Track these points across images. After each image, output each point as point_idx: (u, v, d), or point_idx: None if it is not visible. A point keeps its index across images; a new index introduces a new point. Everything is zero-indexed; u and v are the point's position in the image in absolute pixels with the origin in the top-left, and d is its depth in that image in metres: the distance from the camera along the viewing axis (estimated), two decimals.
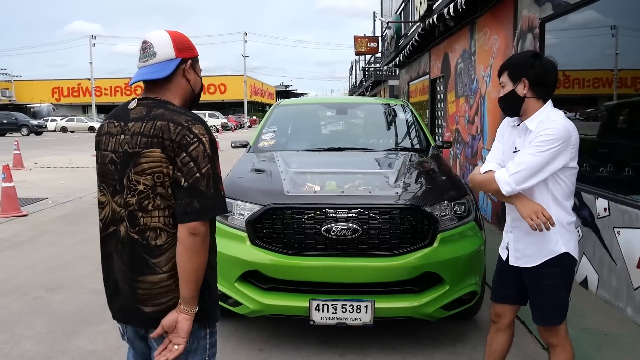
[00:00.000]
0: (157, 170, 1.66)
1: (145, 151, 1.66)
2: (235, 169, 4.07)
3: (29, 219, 7.82)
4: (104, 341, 3.66)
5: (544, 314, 2.45)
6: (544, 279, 2.38)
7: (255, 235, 3.28)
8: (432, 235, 3.25)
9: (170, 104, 1.76)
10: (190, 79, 1.83)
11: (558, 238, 2.35)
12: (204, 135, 1.66)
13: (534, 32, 5.87)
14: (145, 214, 1.68)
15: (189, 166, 1.63)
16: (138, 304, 1.73)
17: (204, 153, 1.64)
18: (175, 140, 1.63)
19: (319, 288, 3.23)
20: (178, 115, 1.68)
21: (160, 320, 1.71)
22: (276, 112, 5.27)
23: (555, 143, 2.25)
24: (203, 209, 1.63)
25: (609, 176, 4.53)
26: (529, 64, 2.35)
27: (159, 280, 1.69)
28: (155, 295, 1.70)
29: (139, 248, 1.69)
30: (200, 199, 1.63)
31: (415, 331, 3.75)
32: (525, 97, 2.37)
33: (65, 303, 4.40)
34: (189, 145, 1.63)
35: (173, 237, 1.68)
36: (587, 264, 4.57)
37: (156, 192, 1.66)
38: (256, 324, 3.86)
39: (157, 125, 1.66)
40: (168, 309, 1.71)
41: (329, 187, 3.41)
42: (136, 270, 1.71)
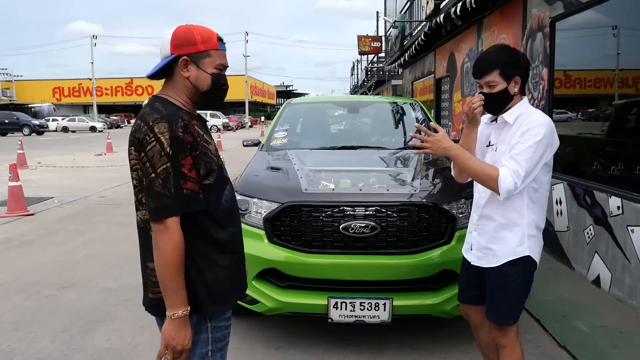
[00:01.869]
0: (137, 167, 1.70)
1: (130, 149, 1.72)
2: (250, 167, 4.07)
3: (36, 218, 7.82)
4: (120, 339, 3.66)
5: (498, 312, 2.42)
6: (502, 277, 2.36)
7: (273, 233, 3.27)
8: (450, 233, 3.25)
9: (163, 101, 1.76)
10: (189, 75, 1.76)
11: (524, 240, 2.33)
12: (164, 134, 1.63)
13: (544, 31, 5.87)
14: (141, 206, 1.74)
15: (145, 166, 1.64)
16: (146, 288, 1.81)
17: (160, 152, 1.62)
18: (139, 139, 1.66)
19: (337, 286, 3.23)
20: (151, 115, 1.68)
21: (158, 307, 1.74)
22: (288, 110, 5.27)
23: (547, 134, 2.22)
24: (157, 209, 1.63)
25: (621, 175, 4.53)
26: (521, 60, 2.32)
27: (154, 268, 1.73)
28: (154, 282, 1.72)
29: (146, 236, 1.75)
30: (154, 198, 1.63)
31: (431, 329, 3.75)
32: (515, 94, 2.34)
33: (78, 301, 4.40)
34: (147, 145, 1.64)
35: None
36: (600, 262, 4.57)
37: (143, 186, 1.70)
38: (272, 322, 3.86)
39: (136, 124, 1.71)
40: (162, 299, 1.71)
41: (343, 185, 3.41)
42: (144, 255, 1.79)
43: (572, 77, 5.80)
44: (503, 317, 2.42)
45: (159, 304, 1.72)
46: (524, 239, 2.34)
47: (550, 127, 2.26)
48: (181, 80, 1.77)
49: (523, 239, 2.34)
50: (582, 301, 4.30)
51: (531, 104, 6.12)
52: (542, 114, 2.32)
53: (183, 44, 1.74)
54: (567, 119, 5.87)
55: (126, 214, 7.98)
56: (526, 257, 2.34)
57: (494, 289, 2.42)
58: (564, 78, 5.77)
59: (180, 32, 1.75)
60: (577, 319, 3.92)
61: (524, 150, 2.20)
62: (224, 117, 47.26)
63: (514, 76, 2.30)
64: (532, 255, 2.35)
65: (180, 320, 1.67)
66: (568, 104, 5.89)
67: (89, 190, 10.46)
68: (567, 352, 3.42)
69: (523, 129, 2.25)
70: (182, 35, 1.74)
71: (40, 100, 58.52)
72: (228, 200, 1.83)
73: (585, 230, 4.83)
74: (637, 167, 4.22)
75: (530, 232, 2.34)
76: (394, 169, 3.96)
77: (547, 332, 3.72)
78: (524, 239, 2.34)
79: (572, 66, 5.70)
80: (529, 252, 2.34)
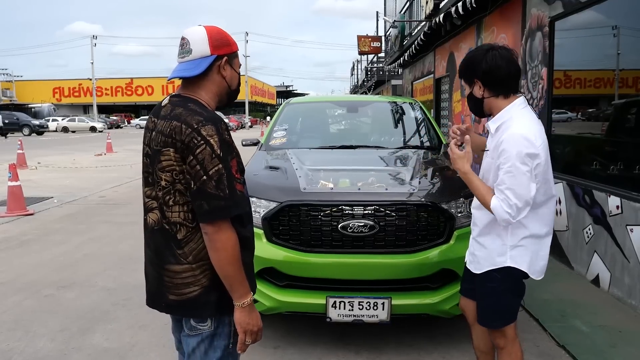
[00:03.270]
0: (173, 168, 1.71)
1: (163, 150, 1.72)
2: (249, 166, 4.06)
3: (36, 218, 7.82)
4: (119, 339, 3.66)
5: (483, 316, 2.42)
6: (488, 282, 2.33)
7: (272, 232, 3.27)
8: (448, 232, 3.25)
9: (194, 101, 1.77)
10: (226, 75, 1.83)
11: (505, 251, 2.26)
12: (212, 136, 1.66)
13: (543, 30, 5.87)
14: (168, 208, 1.74)
15: (195, 169, 1.65)
16: (164, 290, 1.80)
17: (211, 155, 1.65)
18: (185, 142, 1.66)
19: (335, 285, 3.23)
20: (192, 116, 1.69)
21: (180, 309, 1.79)
22: (287, 110, 5.27)
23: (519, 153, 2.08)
24: (212, 211, 1.65)
25: (620, 174, 4.52)
26: (477, 63, 2.23)
27: (182, 270, 1.75)
28: (178, 285, 1.76)
29: (169, 238, 1.76)
30: (209, 200, 1.65)
31: (430, 328, 3.75)
32: (484, 98, 2.26)
33: (77, 301, 4.40)
34: (196, 148, 1.65)
35: (192, 231, 1.73)
36: (599, 261, 4.57)
37: (175, 188, 1.72)
38: (271, 321, 3.85)
39: (172, 125, 1.70)
40: (188, 300, 1.76)
41: (342, 185, 3.41)
42: (163, 258, 1.78)
43: (572, 76, 5.80)
44: (490, 321, 2.41)
45: (180, 304, 1.78)
46: (505, 249, 2.27)
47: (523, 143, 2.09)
48: (218, 80, 1.82)
49: (504, 249, 2.27)
50: (581, 300, 4.30)
51: (530, 103, 6.17)
52: (519, 125, 2.15)
53: (222, 44, 1.79)
54: (567, 118, 5.87)
55: (126, 214, 7.99)
56: (507, 267, 2.27)
57: (481, 293, 2.42)
58: (563, 78, 5.77)
59: (215, 32, 1.79)
60: (576, 318, 3.92)
61: (504, 178, 2.12)
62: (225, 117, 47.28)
63: (473, 79, 2.26)
64: (516, 266, 2.26)
65: (250, 307, 1.76)
66: (567, 104, 5.89)
67: (89, 190, 10.46)
68: (566, 352, 3.42)
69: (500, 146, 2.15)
70: (219, 37, 1.79)
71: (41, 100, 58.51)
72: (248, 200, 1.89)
73: (584, 230, 4.83)
74: (636, 166, 4.22)
75: (513, 242, 2.25)
76: (392, 168, 3.96)
77: (546, 331, 3.72)
78: (505, 249, 2.27)
79: (572, 66, 5.70)
80: (511, 263, 2.26)
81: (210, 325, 1.80)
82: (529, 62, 6.33)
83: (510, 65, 2.20)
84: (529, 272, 2.29)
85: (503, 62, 2.19)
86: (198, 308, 1.77)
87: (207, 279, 1.76)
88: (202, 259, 1.74)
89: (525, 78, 6.43)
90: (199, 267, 1.75)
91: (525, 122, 2.16)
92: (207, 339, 1.81)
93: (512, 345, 2.42)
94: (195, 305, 1.76)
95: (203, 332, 1.80)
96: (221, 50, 1.79)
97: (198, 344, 1.81)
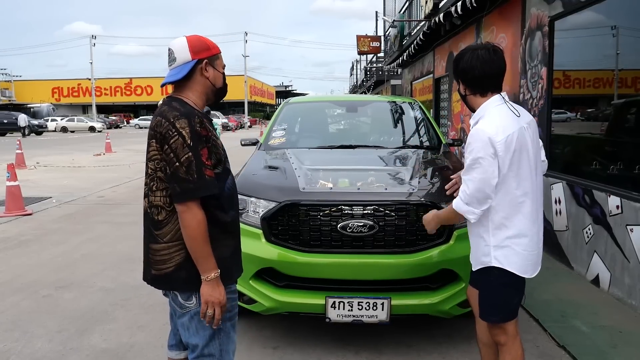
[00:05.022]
0: (155, 157, 1.97)
1: (150, 141, 1.99)
2: (248, 166, 4.05)
3: (34, 218, 7.80)
4: (117, 339, 3.64)
5: (482, 309, 2.47)
6: (483, 276, 2.39)
7: (271, 232, 3.26)
8: (448, 232, 3.23)
9: (179, 100, 2.03)
10: (209, 75, 2.08)
11: (489, 251, 2.31)
12: (185, 128, 1.91)
13: (542, 30, 5.86)
14: (152, 193, 2.02)
15: (170, 157, 1.91)
16: (148, 266, 2.09)
17: (182, 145, 1.90)
18: (162, 134, 1.92)
19: (335, 285, 3.21)
20: (171, 112, 1.95)
21: (161, 282, 2.07)
22: (286, 109, 5.25)
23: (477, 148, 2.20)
24: (182, 192, 1.90)
25: (620, 174, 4.51)
26: (457, 63, 2.38)
27: (160, 249, 2.02)
28: (157, 261, 2.03)
29: (150, 221, 2.04)
30: (180, 183, 1.90)
31: (430, 329, 3.74)
32: (466, 95, 2.41)
33: (75, 301, 4.38)
34: (170, 139, 1.90)
35: (170, 214, 1.99)
36: (599, 261, 4.55)
37: (157, 175, 1.99)
38: (270, 321, 3.84)
39: (156, 120, 1.97)
40: (165, 275, 2.03)
41: (342, 184, 3.40)
42: (147, 238, 2.07)
43: (572, 76, 5.78)
44: (488, 315, 2.44)
45: (160, 278, 2.05)
46: (488, 249, 2.32)
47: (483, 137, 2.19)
48: (202, 80, 2.07)
49: (487, 249, 2.32)
50: (581, 301, 4.28)
51: (530, 103, 6.16)
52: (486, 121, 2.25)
53: (201, 49, 2.05)
54: (567, 118, 5.86)
55: (125, 214, 7.97)
56: (492, 267, 2.31)
57: (479, 287, 2.47)
58: (563, 77, 5.76)
59: (194, 40, 2.05)
60: (576, 318, 3.90)
61: (465, 170, 2.28)
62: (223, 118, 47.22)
63: (457, 78, 2.44)
64: (502, 266, 2.29)
65: (213, 281, 1.98)
66: (567, 103, 5.88)
67: (88, 190, 10.44)
68: (567, 352, 3.41)
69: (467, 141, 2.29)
70: (198, 43, 2.05)
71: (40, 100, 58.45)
72: (229, 188, 2.10)
73: (584, 230, 4.82)
74: (636, 166, 4.21)
75: (496, 242, 2.30)
76: (392, 168, 3.95)
77: (546, 331, 3.70)
78: (488, 250, 2.32)
79: (571, 66, 5.68)
80: (496, 264, 2.30)
81: (196, 302, 2.03)
82: (528, 62, 6.32)
83: (485, 66, 2.28)
84: (519, 272, 2.31)
85: (478, 63, 2.29)
86: (171, 282, 2.04)
87: (180, 257, 2.00)
88: (177, 239, 1.99)
89: (525, 78, 6.42)
90: (174, 247, 2.00)
91: (493, 119, 2.25)
92: (196, 315, 2.04)
93: (512, 342, 2.43)
94: (169, 279, 2.03)
95: (191, 310, 2.05)
96: (201, 55, 2.04)
97: (189, 321, 2.07)
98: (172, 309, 2.20)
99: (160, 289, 2.15)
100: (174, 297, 2.08)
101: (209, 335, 2.07)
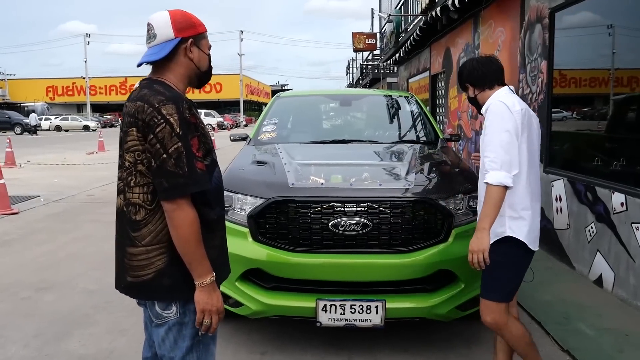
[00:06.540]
0: (136, 148, 1.73)
1: (129, 130, 1.74)
2: (236, 161, 3.85)
3: (20, 217, 7.58)
4: (96, 345, 3.44)
5: (484, 285, 2.55)
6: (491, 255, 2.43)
7: (258, 230, 3.07)
8: (446, 231, 3.04)
9: (161, 83, 1.79)
10: (194, 57, 1.84)
11: (503, 222, 2.45)
12: (172, 115, 1.68)
13: (543, 22, 5.68)
14: (129, 189, 1.77)
15: (156, 147, 1.67)
16: (123, 272, 1.83)
17: (170, 133, 1.67)
18: (145, 121, 1.68)
19: (326, 287, 3.03)
20: (154, 96, 1.71)
21: (138, 291, 1.82)
22: (277, 103, 5.05)
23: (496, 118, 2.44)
24: (171, 188, 1.67)
25: (625, 169, 4.33)
26: (462, 71, 2.72)
27: (138, 253, 1.77)
28: (134, 267, 1.78)
29: (126, 221, 1.79)
30: (168, 178, 1.67)
31: (427, 332, 3.55)
32: (476, 95, 2.69)
33: (55, 304, 4.18)
34: (156, 127, 1.67)
35: (151, 213, 1.75)
36: (602, 261, 4.38)
37: (137, 169, 1.74)
38: (258, 325, 3.65)
39: (136, 105, 1.72)
40: (144, 282, 1.78)
41: (334, 180, 3.21)
42: (123, 240, 1.82)
43: (573, 70, 5.61)
44: (485, 291, 2.53)
45: (138, 286, 1.79)
46: (503, 220, 2.45)
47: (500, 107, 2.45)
48: (185, 62, 1.83)
49: (503, 220, 2.45)
50: (585, 302, 4.11)
51: (529, 98, 5.98)
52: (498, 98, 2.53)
53: (186, 26, 1.81)
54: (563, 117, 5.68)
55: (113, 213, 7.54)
56: (507, 237, 2.45)
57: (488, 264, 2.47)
58: (564, 71, 5.58)
59: (178, 15, 1.81)
60: (580, 321, 3.73)
61: (486, 140, 2.45)
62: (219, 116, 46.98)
63: (465, 84, 2.73)
64: (515, 236, 2.44)
65: (210, 286, 1.77)
66: (568, 98, 5.70)
67: (78, 188, 10.22)
68: (571, 356, 3.23)
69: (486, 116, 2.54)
70: (182, 19, 1.80)
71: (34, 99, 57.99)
72: (216, 181, 1.88)
73: (586, 228, 4.64)
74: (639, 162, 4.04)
75: (510, 214, 2.46)
76: (387, 163, 3.76)
77: (549, 334, 3.53)
78: (503, 221, 2.45)
79: (573, 59, 5.50)
80: (510, 233, 2.45)
81: (176, 312, 1.81)
82: (527, 56, 6.14)
83: (484, 66, 2.66)
84: (527, 241, 2.46)
85: (478, 65, 2.68)
86: (149, 290, 1.80)
87: (163, 262, 1.76)
88: (159, 242, 1.75)
89: (524, 72, 6.24)
90: (155, 250, 1.76)
91: (507, 96, 2.53)
92: (175, 327, 1.82)
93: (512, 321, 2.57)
94: (148, 287, 1.79)
95: (169, 320, 1.82)
96: (185, 33, 1.80)
97: (166, 333, 1.83)
98: (146, 318, 1.97)
99: (136, 299, 1.90)
100: (150, 306, 1.84)
101: (186, 348, 1.84)
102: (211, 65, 1.95)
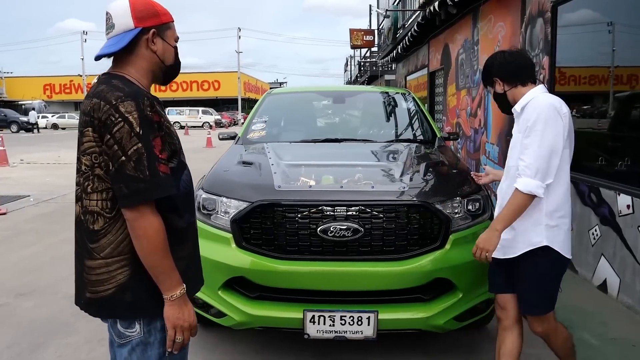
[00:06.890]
0: (92, 150, 1.57)
1: (84, 130, 1.58)
2: (221, 161, 3.66)
3: (8, 218, 7.38)
4: (73, 355, 3.26)
5: (527, 303, 2.45)
6: (529, 266, 2.38)
7: (242, 236, 2.87)
8: (443, 236, 2.84)
9: (120, 78, 1.63)
10: (157, 49, 1.69)
11: (541, 230, 2.33)
12: (131, 113, 1.52)
13: (544, 16, 5.48)
14: (86, 195, 1.62)
15: (113, 149, 1.52)
16: (82, 287, 1.68)
17: (129, 133, 1.51)
18: (102, 120, 1.53)
19: (315, 297, 2.83)
20: (112, 92, 1.55)
21: (98, 308, 1.66)
22: (267, 101, 4.85)
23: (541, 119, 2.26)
24: (131, 194, 1.52)
25: (631, 170, 4.14)
26: (490, 65, 2.53)
27: (96, 266, 1.62)
28: (93, 281, 1.63)
29: (83, 231, 1.64)
30: (127, 183, 1.52)
31: (423, 342, 3.36)
32: (506, 92, 2.50)
33: (34, 311, 3.99)
34: (113, 126, 1.52)
35: (110, 222, 1.60)
36: (607, 265, 4.19)
37: (94, 173, 1.59)
38: (244, 335, 3.46)
39: (92, 103, 1.56)
40: (102, 299, 1.63)
41: (325, 182, 3.01)
42: (81, 252, 1.67)
43: (575, 66, 5.41)
44: (533, 308, 2.44)
45: (98, 303, 1.64)
46: (540, 229, 2.33)
47: (550, 108, 2.26)
48: (147, 55, 1.68)
49: (540, 229, 2.33)
50: (588, 309, 3.92)
51: None
52: (544, 98, 2.32)
53: (147, 15, 1.65)
54: None
55: None
56: (545, 247, 2.33)
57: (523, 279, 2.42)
58: (566, 68, 5.38)
59: (139, 3, 1.65)
60: (584, 329, 3.54)
61: (526, 142, 2.27)
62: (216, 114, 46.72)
63: (492, 79, 2.53)
64: (552, 245, 2.33)
65: (180, 300, 1.62)
66: (570, 96, 5.50)
67: (69, 187, 10.00)
68: None
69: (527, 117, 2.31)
70: (143, 7, 1.65)
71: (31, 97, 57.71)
72: (185, 185, 1.73)
73: (590, 231, 4.45)
74: None
75: (548, 222, 2.32)
76: (382, 163, 3.57)
77: None
78: (541, 230, 2.33)
79: (575, 54, 5.31)
80: (548, 243, 2.33)
81: (140, 331, 1.66)
82: (529, 51, 5.94)
83: (517, 59, 2.47)
84: (563, 251, 2.35)
85: (511, 58, 2.48)
86: (110, 307, 1.64)
87: (124, 276, 1.61)
88: (120, 253, 1.60)
89: None
90: (115, 263, 1.60)
91: (550, 96, 2.36)
92: (139, 347, 1.66)
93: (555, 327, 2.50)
94: (109, 304, 1.63)
95: (133, 340, 1.66)
96: (147, 22, 1.65)
97: (129, 354, 1.67)
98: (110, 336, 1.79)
99: (96, 317, 1.72)
100: (112, 324, 1.69)
101: None
102: (178, 59, 1.78)
